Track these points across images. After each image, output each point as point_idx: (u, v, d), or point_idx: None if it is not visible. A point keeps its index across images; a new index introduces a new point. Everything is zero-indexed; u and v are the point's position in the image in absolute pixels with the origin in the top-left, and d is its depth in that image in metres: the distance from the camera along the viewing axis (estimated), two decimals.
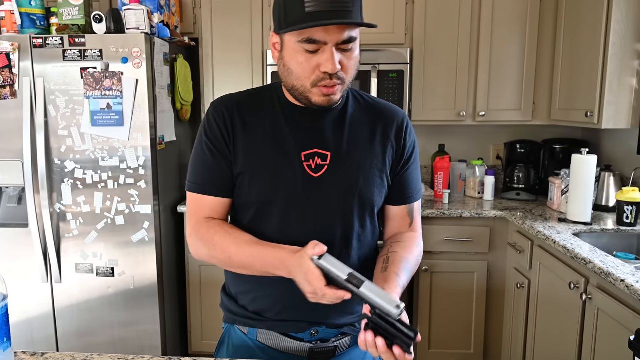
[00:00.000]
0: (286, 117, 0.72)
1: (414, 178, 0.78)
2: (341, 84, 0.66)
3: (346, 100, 0.75)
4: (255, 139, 0.71)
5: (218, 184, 0.72)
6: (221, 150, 0.72)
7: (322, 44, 0.63)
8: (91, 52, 1.51)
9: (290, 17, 0.62)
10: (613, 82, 1.52)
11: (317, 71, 0.64)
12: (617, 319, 1.05)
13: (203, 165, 0.73)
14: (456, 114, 1.85)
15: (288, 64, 0.66)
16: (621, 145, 1.78)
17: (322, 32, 0.62)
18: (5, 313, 0.62)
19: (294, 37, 0.64)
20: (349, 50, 0.65)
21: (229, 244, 0.69)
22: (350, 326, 0.75)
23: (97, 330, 1.64)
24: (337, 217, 0.71)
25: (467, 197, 1.94)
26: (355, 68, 0.68)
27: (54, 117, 1.55)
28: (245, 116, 0.72)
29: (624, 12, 1.48)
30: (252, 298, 0.75)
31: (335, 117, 0.73)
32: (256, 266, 0.68)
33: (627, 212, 1.44)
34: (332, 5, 0.61)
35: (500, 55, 1.80)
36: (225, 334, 0.80)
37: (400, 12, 1.79)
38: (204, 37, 1.86)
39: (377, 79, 1.74)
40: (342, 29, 0.63)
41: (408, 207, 0.77)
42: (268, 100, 0.74)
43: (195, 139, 0.68)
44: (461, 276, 1.72)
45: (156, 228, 1.60)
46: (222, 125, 0.72)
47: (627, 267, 1.08)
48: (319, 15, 0.60)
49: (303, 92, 0.67)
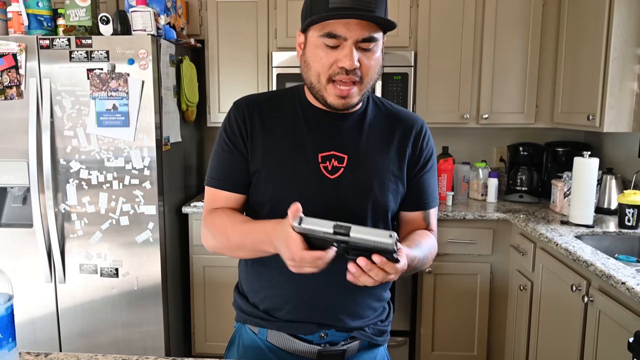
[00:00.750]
0: (306, 118, 0.73)
1: (430, 185, 0.78)
2: (359, 83, 0.67)
3: (366, 105, 0.75)
4: (274, 138, 0.73)
5: (234, 179, 0.74)
6: (238, 147, 0.73)
7: (342, 40, 0.64)
8: (98, 53, 1.52)
9: (315, 11, 0.65)
10: (614, 86, 1.53)
11: (335, 66, 0.65)
12: (618, 321, 1.05)
13: (220, 161, 0.75)
14: (460, 116, 1.86)
15: (308, 60, 0.68)
16: (623, 148, 1.80)
17: (342, 27, 0.63)
18: (10, 313, 0.62)
19: (316, 32, 0.66)
20: (370, 50, 0.66)
21: (226, 224, 0.71)
22: (360, 330, 0.75)
23: (101, 331, 1.64)
24: (351, 219, 0.71)
25: (470, 199, 1.95)
26: (375, 71, 0.68)
27: (59, 117, 1.55)
28: (266, 115, 0.74)
29: (625, 17, 1.50)
30: (263, 296, 0.75)
31: (355, 121, 0.74)
32: (248, 244, 0.68)
33: (629, 214, 1.45)
34: (355, 3, 0.63)
35: (503, 58, 1.82)
36: (236, 333, 0.81)
37: (404, 15, 1.81)
38: (209, 39, 1.87)
39: (381, 81, 1.76)
40: (363, 26, 0.64)
41: (424, 214, 0.78)
42: (290, 100, 0.76)
43: (200, 140, 0.70)
44: (464, 278, 1.73)
45: (161, 229, 1.60)
46: (242, 122, 0.73)
47: (628, 270, 1.09)
48: (341, 10, 0.62)
49: (319, 89, 0.68)
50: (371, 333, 0.76)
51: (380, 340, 0.78)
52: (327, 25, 0.64)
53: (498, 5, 1.79)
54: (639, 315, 0.99)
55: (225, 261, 1.72)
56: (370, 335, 0.76)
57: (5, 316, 0.61)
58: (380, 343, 0.78)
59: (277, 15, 1.84)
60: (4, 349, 0.61)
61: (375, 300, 0.76)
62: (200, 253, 1.77)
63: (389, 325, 0.80)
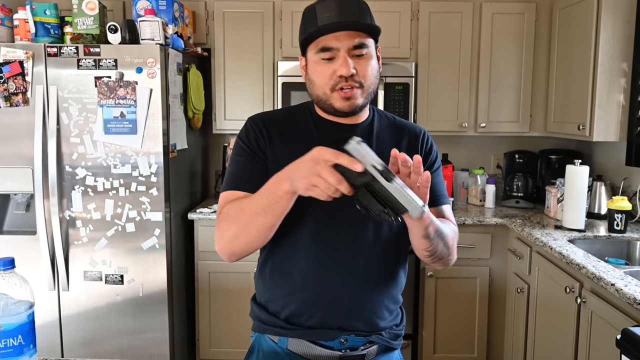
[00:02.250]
0: (318, 130, 0.78)
1: (439, 183, 0.83)
2: (359, 87, 0.73)
3: (372, 118, 0.81)
4: (290, 148, 0.76)
5: (251, 180, 0.74)
6: (257, 152, 0.77)
7: (336, 51, 0.71)
8: (106, 61, 1.53)
9: (307, 32, 0.72)
10: (602, 98, 1.62)
11: (334, 76, 0.71)
12: (609, 321, 1.11)
13: (237, 167, 0.77)
14: (458, 125, 1.93)
15: (311, 77, 0.75)
16: (611, 156, 1.89)
17: (333, 39, 0.71)
18: (32, 320, 0.64)
19: (312, 51, 0.73)
20: (363, 56, 0.72)
21: (240, 201, 0.71)
22: (378, 335, 0.78)
23: (104, 339, 1.62)
24: (366, 223, 0.75)
25: (469, 204, 2.02)
26: (373, 75, 0.74)
27: (66, 124, 1.56)
28: (282, 128, 0.78)
29: (611, 33, 1.60)
30: (284, 303, 0.77)
31: (363, 131, 0.79)
32: (262, 198, 0.66)
33: (617, 219, 1.53)
34: (340, 17, 0.70)
35: (499, 70, 1.91)
36: (255, 342, 0.81)
37: (405, 27, 1.88)
38: (216, 48, 1.90)
39: (383, 90, 1.82)
40: (351, 35, 0.71)
41: (437, 209, 0.82)
42: (302, 115, 0.81)
43: (205, 146, 0.71)
44: (464, 281, 1.78)
45: (167, 235, 1.61)
46: (259, 132, 0.77)
47: (617, 272, 1.14)
48: (328, 25, 0.70)
49: (326, 99, 0.74)
50: (388, 337, 0.79)
51: (396, 344, 0.81)
52: (320, 41, 0.71)
53: (494, 20, 1.88)
54: (627, 314, 1.04)
55: (230, 267, 1.73)
56: (387, 339, 0.79)
57: (27, 323, 0.63)
58: (395, 347, 0.82)
59: (283, 25, 1.89)
60: (26, 355, 0.62)
61: (392, 302, 0.80)
62: (205, 259, 1.78)
63: (402, 330, 0.83)
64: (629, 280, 1.09)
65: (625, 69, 1.62)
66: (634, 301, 0.99)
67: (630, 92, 1.62)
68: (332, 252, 0.75)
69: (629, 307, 1.04)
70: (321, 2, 0.72)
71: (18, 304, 0.62)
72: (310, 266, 0.75)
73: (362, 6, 0.73)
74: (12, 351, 0.61)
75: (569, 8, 1.78)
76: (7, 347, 0.60)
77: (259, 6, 1.88)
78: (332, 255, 0.75)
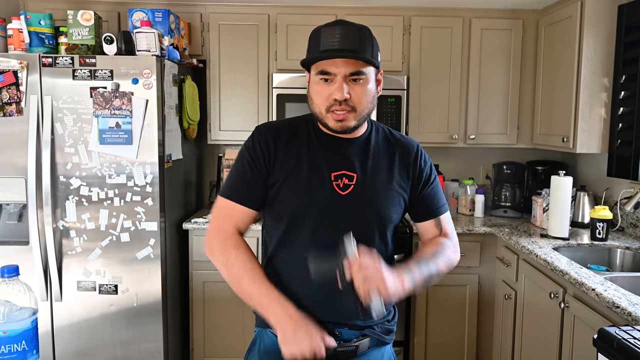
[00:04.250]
0: (320, 143, 0.84)
1: (436, 195, 0.88)
2: (352, 111, 0.78)
3: (370, 132, 0.86)
4: (293, 158, 0.82)
5: (252, 196, 0.82)
6: (259, 168, 0.82)
7: (333, 76, 0.76)
8: (101, 72, 1.54)
9: (311, 53, 0.79)
10: (585, 111, 1.70)
11: (330, 99, 0.77)
12: (590, 324, 1.16)
13: (240, 177, 0.83)
14: (449, 136, 1.99)
15: (311, 94, 0.81)
16: (594, 167, 1.96)
17: (332, 65, 0.76)
18: (35, 327, 0.66)
19: (314, 71, 0.79)
20: (359, 82, 0.77)
21: (245, 271, 0.80)
22: (370, 328, 0.83)
23: (98, 350, 1.62)
24: (360, 228, 0.80)
25: (459, 214, 2.07)
26: (367, 100, 0.79)
27: (60, 134, 1.55)
28: (286, 139, 0.84)
29: (593, 50, 1.67)
30: None
31: (361, 144, 0.85)
32: (256, 300, 0.78)
33: (599, 228, 1.59)
34: (340, 45, 0.75)
35: (488, 84, 1.97)
36: (257, 337, 0.87)
37: (397, 41, 1.93)
38: (211, 59, 1.92)
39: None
40: (349, 64, 0.76)
41: (435, 220, 0.88)
42: (305, 127, 0.86)
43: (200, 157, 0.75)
44: (454, 289, 1.83)
45: (162, 245, 1.62)
46: (265, 146, 0.83)
47: (597, 278, 1.20)
48: (329, 52, 0.76)
49: (322, 118, 0.80)
50: (380, 331, 0.84)
51: (388, 339, 0.86)
52: (320, 65, 0.77)
53: (482, 36, 1.95)
54: (606, 317, 1.09)
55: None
56: (379, 333, 0.84)
57: (30, 329, 0.65)
58: (387, 341, 0.86)
59: (278, 38, 1.92)
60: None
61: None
62: (200, 269, 1.79)
63: (394, 325, 0.88)
64: (608, 285, 1.15)
65: (606, 84, 1.70)
66: (612, 305, 1.04)
67: (611, 106, 1.70)
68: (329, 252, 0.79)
69: (607, 310, 1.09)
70: (327, 27, 0.78)
71: (22, 311, 0.64)
72: (306, 272, 0.77)
73: (365, 34, 0.77)
74: (16, 356, 0.63)
75: (553, 25, 1.86)
76: (11, 352, 0.62)
77: (254, 19, 1.91)
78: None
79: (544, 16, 1.93)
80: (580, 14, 1.66)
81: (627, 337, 0.74)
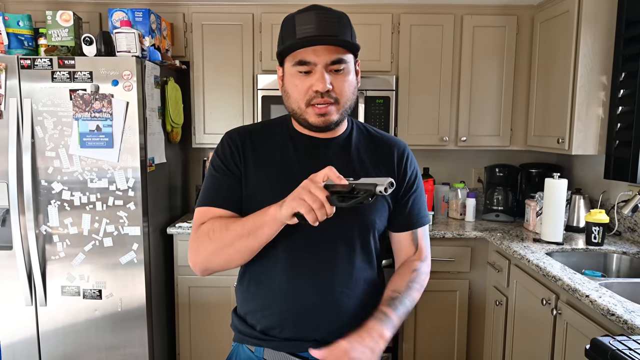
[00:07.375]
0: (295, 146, 0.78)
1: (417, 205, 0.82)
2: (335, 103, 0.72)
3: (350, 131, 0.80)
4: (265, 165, 0.76)
5: (227, 197, 0.76)
6: (231, 169, 0.76)
7: (313, 65, 0.69)
8: (81, 74, 1.51)
9: (286, 43, 0.71)
10: (581, 111, 1.63)
11: (310, 91, 0.70)
12: (583, 332, 1.12)
13: (213, 182, 0.77)
14: (439, 138, 1.93)
15: (287, 89, 0.73)
16: (590, 169, 1.90)
17: (311, 53, 0.69)
18: None
19: (289, 63, 0.71)
20: (340, 71, 0.71)
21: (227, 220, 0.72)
22: None
23: (83, 355, 1.61)
24: (340, 237, 0.75)
25: (449, 218, 2.03)
26: (349, 91, 0.73)
27: (41, 138, 1.53)
28: (257, 144, 0.78)
29: (590, 47, 1.60)
30: (260, 316, 0.78)
31: (341, 145, 0.78)
32: (249, 222, 0.69)
33: (595, 232, 1.54)
34: (320, 30, 0.68)
35: (480, 84, 1.90)
36: (234, 351, 0.83)
37: (386, 40, 1.87)
38: (195, 61, 1.88)
39: (364, 104, 1.81)
40: (330, 51, 0.69)
41: (412, 234, 0.82)
42: (279, 130, 0.80)
43: (185, 160, 0.72)
44: (444, 294, 1.79)
45: (145, 250, 1.60)
46: (234, 148, 0.77)
47: (592, 284, 1.16)
48: (307, 38, 0.68)
49: (301, 114, 0.73)
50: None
51: None
52: (297, 54, 0.69)
53: (475, 33, 1.88)
54: (601, 325, 1.05)
55: (210, 281, 1.73)
56: None
57: None
58: None
59: (262, 38, 1.87)
60: None
61: (366, 314, 0.78)
62: (185, 274, 1.77)
63: None
64: (603, 291, 1.10)
65: (604, 82, 1.63)
66: (607, 312, 1.00)
67: (609, 105, 1.63)
68: (306, 264, 0.75)
69: (602, 318, 1.04)
70: (301, 13, 0.70)
71: None
72: (284, 278, 0.75)
73: (343, 20, 0.71)
74: None
75: (549, 21, 1.78)
76: None
77: (238, 18, 1.86)
78: (306, 269, 0.75)
79: (539, 12, 1.85)
80: (577, 9, 1.59)
81: (622, 348, 0.69)
